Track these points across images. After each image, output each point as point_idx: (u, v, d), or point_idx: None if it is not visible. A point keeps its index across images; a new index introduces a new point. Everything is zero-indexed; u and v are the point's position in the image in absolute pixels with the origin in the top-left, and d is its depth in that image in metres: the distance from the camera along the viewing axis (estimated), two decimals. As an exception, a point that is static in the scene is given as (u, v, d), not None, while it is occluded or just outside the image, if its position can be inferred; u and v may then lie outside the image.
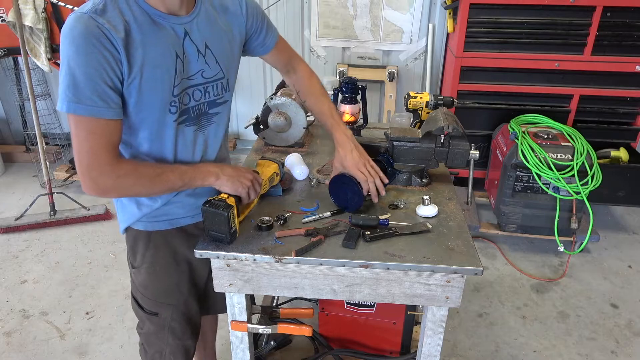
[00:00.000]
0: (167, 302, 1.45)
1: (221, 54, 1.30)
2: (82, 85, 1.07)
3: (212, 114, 1.33)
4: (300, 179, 1.62)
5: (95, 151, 1.12)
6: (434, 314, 1.33)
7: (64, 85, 1.08)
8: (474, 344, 2.35)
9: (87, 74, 1.07)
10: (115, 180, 1.15)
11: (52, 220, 3.21)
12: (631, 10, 2.87)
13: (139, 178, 1.18)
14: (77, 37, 1.06)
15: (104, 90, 1.09)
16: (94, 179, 1.13)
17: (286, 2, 3.51)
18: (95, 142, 1.11)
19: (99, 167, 1.13)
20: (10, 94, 3.93)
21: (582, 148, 2.70)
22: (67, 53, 1.06)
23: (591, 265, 2.93)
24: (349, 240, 1.27)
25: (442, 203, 1.49)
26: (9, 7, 2.98)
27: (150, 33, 1.14)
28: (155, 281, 1.43)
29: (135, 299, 1.50)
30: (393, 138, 1.57)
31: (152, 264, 1.41)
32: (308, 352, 1.86)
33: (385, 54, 3.62)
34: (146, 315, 1.48)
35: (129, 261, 1.47)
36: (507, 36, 3.00)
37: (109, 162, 1.13)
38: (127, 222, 1.38)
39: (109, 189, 1.16)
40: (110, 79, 1.09)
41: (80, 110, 1.08)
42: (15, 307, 2.56)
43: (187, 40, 1.21)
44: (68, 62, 1.07)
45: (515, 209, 2.89)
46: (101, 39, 1.06)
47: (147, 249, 1.40)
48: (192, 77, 1.25)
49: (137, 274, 1.44)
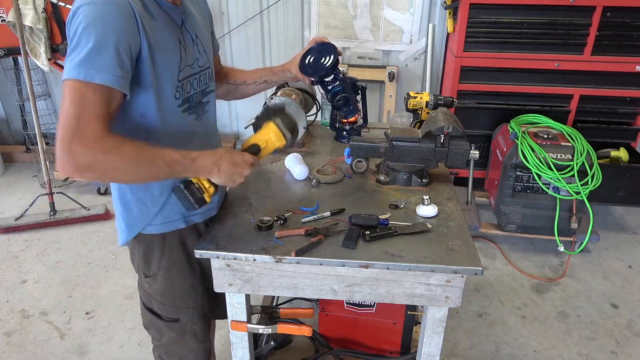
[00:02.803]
0: (187, 306, 1.43)
1: (206, 43, 1.34)
2: (107, 53, 1.01)
3: (204, 102, 1.36)
4: (300, 179, 1.62)
5: (84, 118, 1.00)
6: (434, 314, 1.33)
7: (85, 53, 1.00)
8: (474, 344, 2.35)
9: (114, 41, 1.02)
10: (95, 155, 1.00)
11: (52, 220, 3.21)
12: (631, 10, 2.87)
13: (123, 158, 1.04)
14: (103, 4, 1.03)
15: (124, 60, 1.04)
16: (72, 151, 0.98)
17: (286, 2, 3.51)
18: (87, 109, 1.01)
19: (82, 137, 0.99)
20: (10, 94, 3.93)
21: (582, 148, 2.70)
22: (91, 20, 1.01)
23: (591, 265, 2.93)
24: (348, 240, 1.27)
25: (442, 203, 1.49)
26: (9, 7, 2.98)
27: (160, 17, 1.16)
28: (173, 286, 1.40)
29: (150, 310, 1.45)
30: (393, 138, 1.57)
31: (169, 268, 1.38)
32: (308, 352, 1.86)
33: (385, 54, 3.62)
34: (165, 324, 1.45)
35: (141, 271, 1.41)
36: (507, 36, 3.00)
37: (95, 133, 1.00)
38: (138, 227, 1.31)
39: (87, 166, 1.01)
40: (130, 50, 1.06)
41: (98, 79, 1.01)
42: (15, 307, 2.56)
43: (184, 29, 1.24)
44: (90, 28, 1.01)
45: (515, 209, 2.89)
46: (126, 8, 1.05)
47: (163, 254, 1.36)
48: (192, 66, 1.27)
49: (152, 283, 1.40)
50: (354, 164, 1.66)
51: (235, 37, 3.65)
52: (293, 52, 3.66)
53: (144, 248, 1.37)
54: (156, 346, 1.52)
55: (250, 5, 3.54)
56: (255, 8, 3.54)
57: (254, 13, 3.55)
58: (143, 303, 1.48)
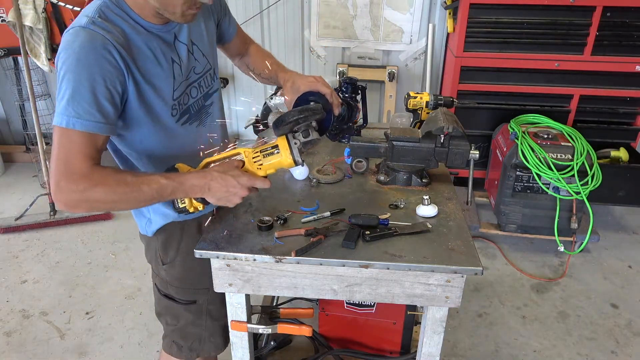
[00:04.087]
0: (203, 287, 1.46)
1: (205, 46, 1.33)
2: (83, 99, 1.05)
3: (207, 105, 1.36)
4: (300, 179, 1.62)
5: (69, 158, 1.06)
6: (434, 314, 1.33)
7: (65, 100, 1.05)
8: (474, 344, 2.35)
9: (89, 88, 1.05)
10: (83, 193, 1.06)
11: (52, 220, 3.21)
12: (631, 10, 2.87)
13: (108, 190, 1.08)
14: (78, 50, 1.04)
15: (103, 105, 1.07)
16: (62, 189, 1.06)
17: (286, 2, 3.51)
18: (73, 150, 1.06)
19: (68, 176, 1.06)
20: (10, 94, 3.93)
21: (582, 148, 2.70)
22: (68, 66, 1.04)
23: (591, 265, 2.93)
24: (348, 240, 1.27)
25: (442, 203, 1.49)
26: (9, 7, 2.98)
27: (147, 45, 1.15)
28: (191, 269, 1.43)
29: (167, 295, 1.49)
30: (393, 138, 1.57)
31: (187, 254, 1.40)
32: (308, 352, 1.86)
33: (385, 54, 3.62)
34: (183, 307, 1.48)
35: (159, 259, 1.44)
36: (507, 36, 3.00)
37: (80, 172, 1.06)
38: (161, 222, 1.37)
39: (77, 201, 1.08)
40: (110, 94, 1.08)
41: (79, 125, 1.05)
42: (15, 307, 2.56)
43: (177, 43, 1.23)
44: (69, 75, 1.04)
45: (515, 209, 2.89)
46: (102, 51, 1.05)
47: (182, 241, 1.41)
48: (188, 77, 1.27)
49: (170, 269, 1.44)
50: (354, 164, 1.66)
51: (235, 37, 3.65)
52: (293, 52, 3.67)
53: (164, 237, 1.41)
54: (171, 331, 1.55)
55: (250, 5, 3.54)
56: (255, 8, 3.54)
57: (254, 13, 3.55)
58: (159, 290, 1.51)
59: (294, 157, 1.21)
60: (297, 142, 1.21)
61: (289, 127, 1.20)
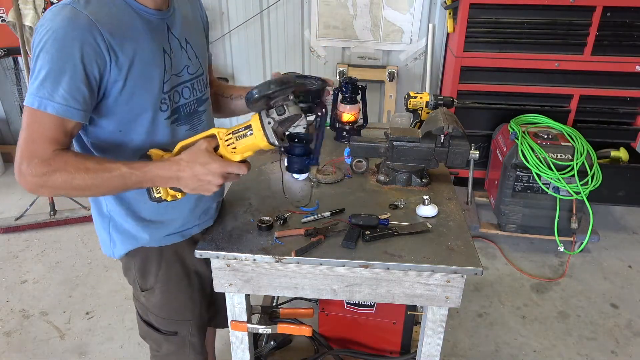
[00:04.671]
0: (185, 319, 1.41)
1: (198, 48, 1.26)
2: (57, 81, 0.98)
3: (201, 111, 1.29)
4: (300, 179, 1.62)
5: (34, 141, 1.01)
6: (434, 314, 1.33)
7: (38, 81, 0.99)
8: (474, 344, 2.35)
9: (65, 69, 0.98)
10: (41, 178, 1.02)
11: (52, 220, 3.21)
12: (631, 10, 2.87)
13: (67, 178, 1.03)
14: (58, 29, 0.97)
15: (79, 89, 1.00)
16: (22, 172, 1.02)
17: (286, 2, 3.51)
18: (39, 133, 1.01)
19: (29, 160, 1.01)
20: (10, 94, 3.93)
21: (582, 148, 2.70)
22: (45, 44, 0.98)
23: (591, 265, 2.93)
24: (348, 240, 1.27)
25: (442, 203, 1.49)
26: (9, 7, 2.98)
27: (136, 28, 1.08)
28: (171, 299, 1.38)
29: (147, 322, 1.42)
30: (393, 138, 1.57)
31: (166, 282, 1.35)
32: (308, 352, 1.86)
33: (385, 54, 3.62)
34: (164, 337, 1.42)
35: (137, 285, 1.37)
36: (507, 36, 3.00)
37: (41, 157, 1.02)
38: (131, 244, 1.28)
39: (37, 185, 1.04)
40: (87, 78, 1.01)
41: (50, 108, 0.99)
42: (15, 307, 2.56)
43: (170, 35, 1.16)
44: (45, 54, 0.98)
45: (515, 209, 2.89)
46: (84, 32, 0.98)
47: (160, 268, 1.33)
48: (180, 74, 1.20)
49: (149, 296, 1.37)
50: (354, 164, 1.66)
51: (235, 37, 3.65)
52: (293, 52, 3.67)
53: (141, 262, 1.33)
54: (154, 356, 1.50)
55: (250, 6, 3.54)
56: (255, 8, 3.54)
57: (254, 13, 3.55)
58: (139, 315, 1.44)
59: (268, 139, 1.07)
60: (270, 120, 1.07)
61: (262, 104, 1.08)
